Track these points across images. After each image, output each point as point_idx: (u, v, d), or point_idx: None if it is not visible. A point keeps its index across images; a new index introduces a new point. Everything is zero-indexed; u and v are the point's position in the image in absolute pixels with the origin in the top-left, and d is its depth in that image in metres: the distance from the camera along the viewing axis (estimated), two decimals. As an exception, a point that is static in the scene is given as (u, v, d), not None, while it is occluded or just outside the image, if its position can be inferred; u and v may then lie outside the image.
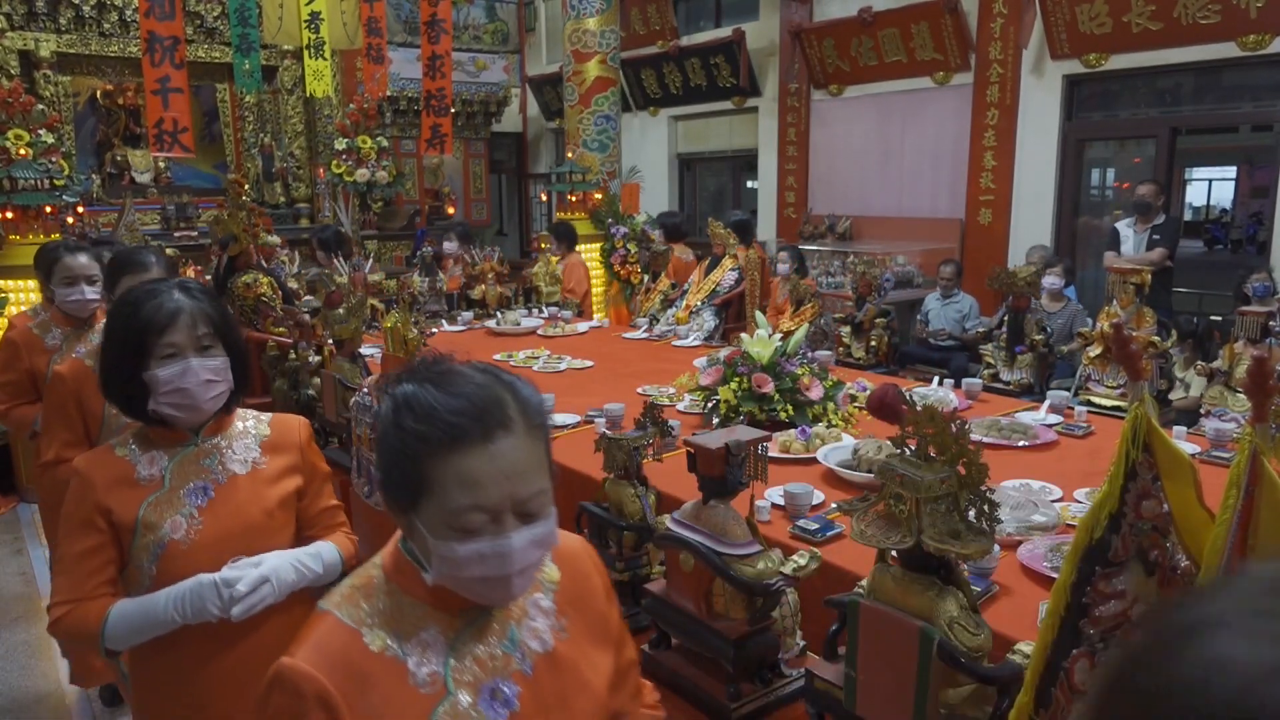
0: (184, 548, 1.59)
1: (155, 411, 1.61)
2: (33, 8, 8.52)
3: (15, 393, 2.95)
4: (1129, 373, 1.12)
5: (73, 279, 2.87)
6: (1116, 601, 1.12)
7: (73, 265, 2.88)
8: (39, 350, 2.95)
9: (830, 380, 3.24)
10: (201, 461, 1.67)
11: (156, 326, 1.57)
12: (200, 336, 1.62)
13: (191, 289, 1.66)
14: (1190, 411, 3.65)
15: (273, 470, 1.72)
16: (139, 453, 1.65)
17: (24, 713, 3.18)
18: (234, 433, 1.73)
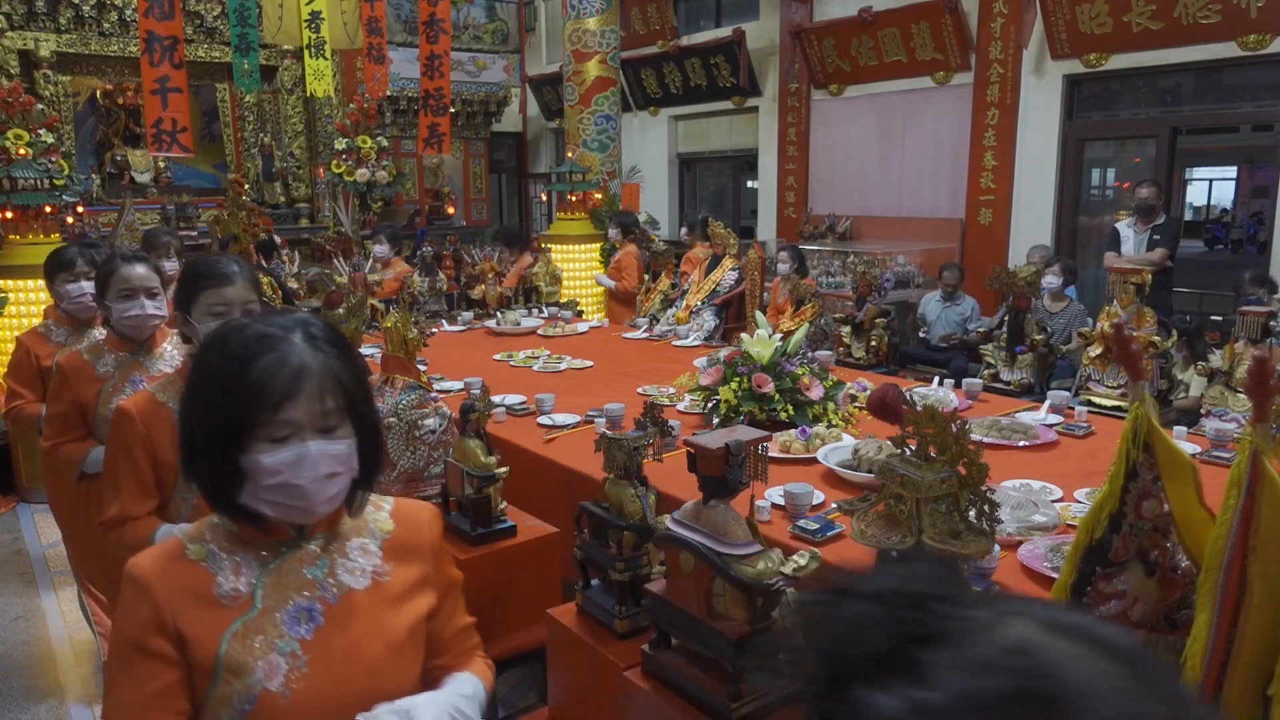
0: (283, 702, 1.14)
1: (249, 506, 1.16)
2: (32, 7, 8.52)
3: (63, 427, 2.56)
4: (1130, 373, 1.11)
5: (131, 291, 2.47)
6: (1117, 601, 1.12)
7: (131, 277, 2.47)
8: (89, 379, 2.53)
9: (830, 380, 3.23)
10: (305, 571, 1.21)
11: (272, 397, 1.11)
12: (327, 412, 1.15)
13: (317, 336, 1.17)
14: (1191, 411, 3.65)
15: (399, 584, 1.26)
16: (220, 556, 1.18)
17: (23, 712, 3.17)
18: (348, 530, 1.26)
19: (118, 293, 2.48)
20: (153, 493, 1.96)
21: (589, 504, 2.06)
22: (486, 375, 3.69)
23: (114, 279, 2.49)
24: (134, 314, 2.49)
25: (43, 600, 4.00)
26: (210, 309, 1.97)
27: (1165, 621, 1.15)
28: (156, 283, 2.52)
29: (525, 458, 2.98)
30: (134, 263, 2.52)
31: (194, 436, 1.16)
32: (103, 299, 2.52)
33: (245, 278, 2.05)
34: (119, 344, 2.56)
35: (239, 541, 1.20)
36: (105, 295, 2.49)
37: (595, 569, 2.08)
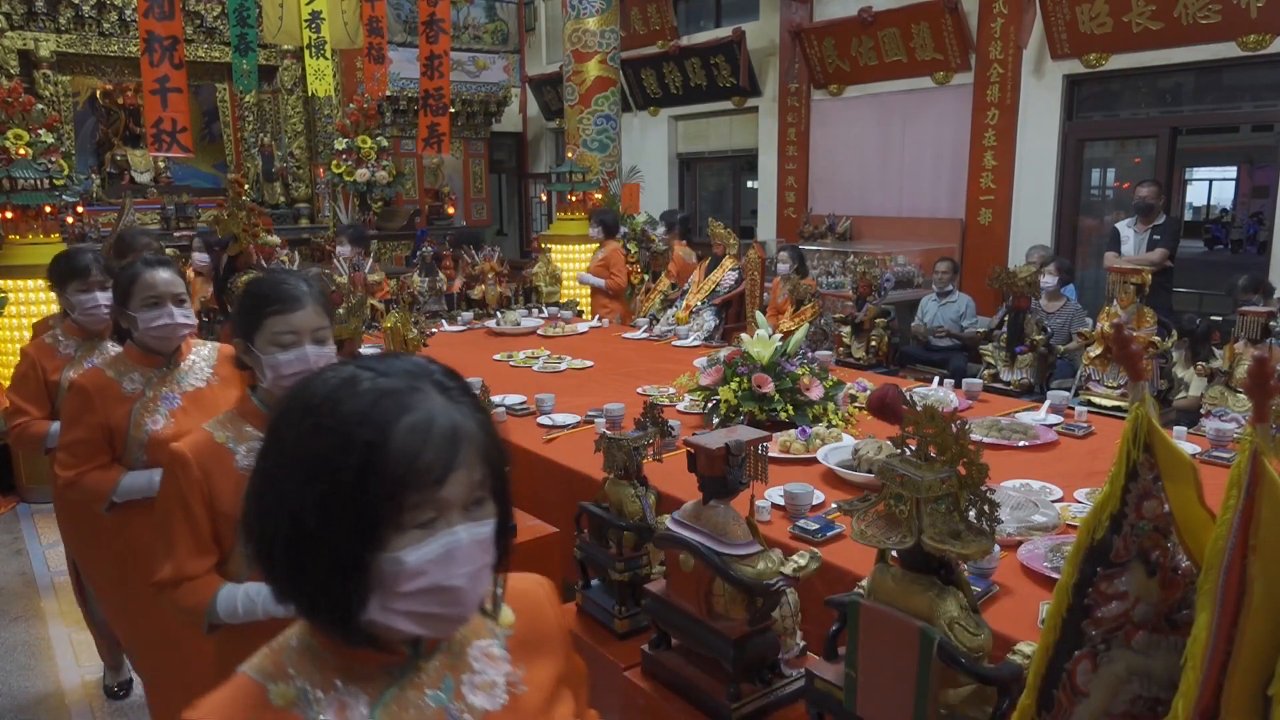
0: None
1: (376, 622, 0.85)
2: (32, 7, 8.52)
3: (87, 454, 2.28)
4: (1130, 373, 1.11)
5: (158, 299, 2.24)
6: (1118, 602, 1.12)
7: (156, 283, 2.25)
8: (116, 398, 2.28)
9: (830, 380, 3.23)
10: (428, 699, 0.92)
11: (427, 476, 0.82)
12: (475, 485, 0.87)
13: (449, 385, 0.89)
14: (1191, 411, 3.65)
15: (536, 695, 1.00)
16: (316, 696, 0.87)
17: (24, 713, 3.17)
18: (464, 633, 0.98)
19: (142, 301, 2.23)
20: (211, 549, 1.69)
21: (589, 504, 2.07)
22: (486, 375, 3.69)
23: (137, 286, 2.25)
24: (162, 323, 2.26)
25: (42, 601, 4.00)
26: (276, 338, 1.73)
27: (1166, 622, 1.15)
28: (183, 288, 2.31)
29: (525, 458, 2.98)
30: (158, 267, 2.30)
31: (306, 535, 0.81)
32: (124, 308, 2.25)
33: (315, 300, 1.81)
34: (143, 358, 2.31)
35: (341, 672, 0.89)
36: (128, 304, 2.23)
37: (595, 569, 2.08)
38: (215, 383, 2.37)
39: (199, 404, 2.31)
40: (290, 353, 1.74)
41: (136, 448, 2.28)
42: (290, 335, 1.75)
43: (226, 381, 2.35)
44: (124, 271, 2.32)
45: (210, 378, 2.38)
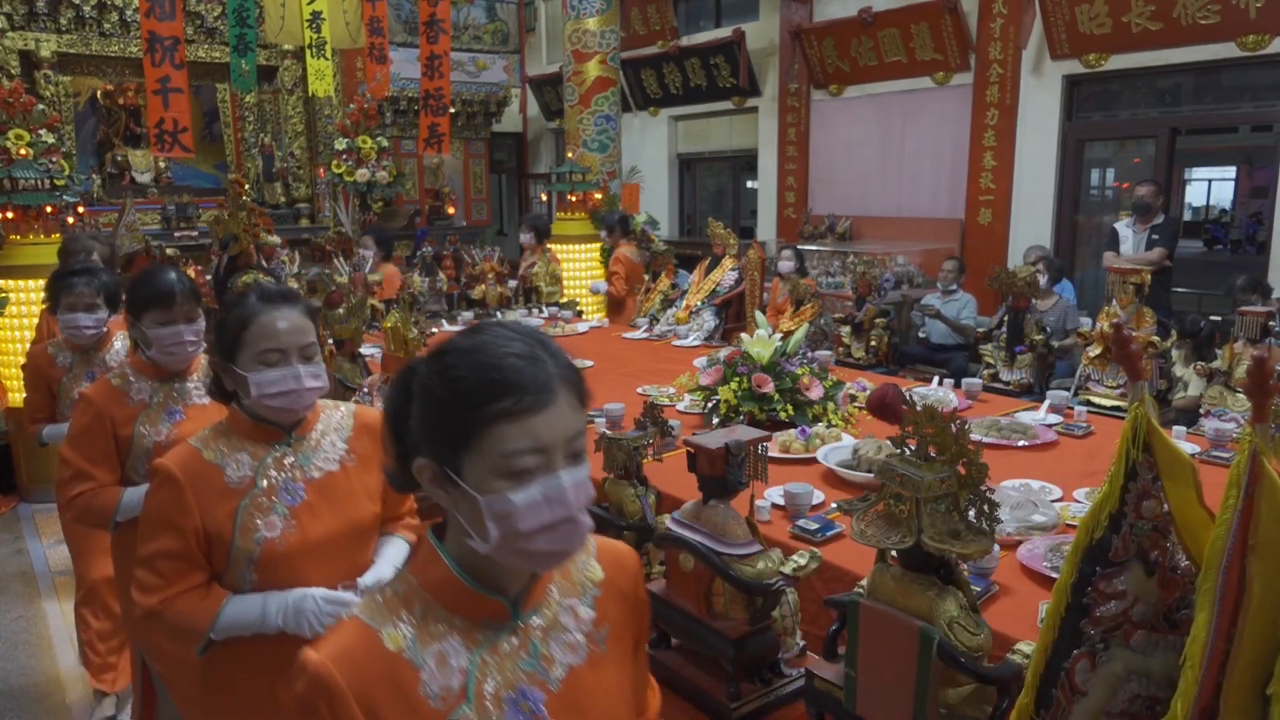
0: None
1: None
2: (33, 8, 8.52)
3: (178, 572, 1.62)
4: (1129, 373, 1.12)
5: (280, 353, 1.66)
6: (1117, 602, 1.13)
7: (278, 331, 1.67)
8: (217, 491, 1.64)
9: (830, 380, 3.24)
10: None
11: None
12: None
13: None
14: (1190, 411, 3.65)
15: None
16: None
17: (24, 712, 3.18)
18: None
19: (257, 354, 1.68)
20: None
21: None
22: (487, 375, 3.68)
23: (250, 333, 1.68)
24: (285, 390, 1.68)
25: (43, 601, 4.00)
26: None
27: (1165, 621, 1.15)
28: (313, 334, 1.76)
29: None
30: (280, 305, 1.72)
31: None
32: (229, 361, 1.70)
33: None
34: (255, 430, 1.71)
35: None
36: (235, 357, 1.69)
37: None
38: (352, 464, 1.74)
39: (329, 497, 1.68)
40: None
41: (245, 562, 1.61)
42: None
43: (366, 462, 1.75)
44: (232, 312, 1.69)
45: (345, 456, 1.74)
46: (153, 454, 2.13)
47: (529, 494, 0.93)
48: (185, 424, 2.23)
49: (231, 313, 1.68)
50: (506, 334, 0.98)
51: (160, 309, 2.21)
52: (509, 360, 0.94)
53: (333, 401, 1.84)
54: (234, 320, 1.65)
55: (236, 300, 1.69)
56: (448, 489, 0.97)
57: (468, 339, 1.00)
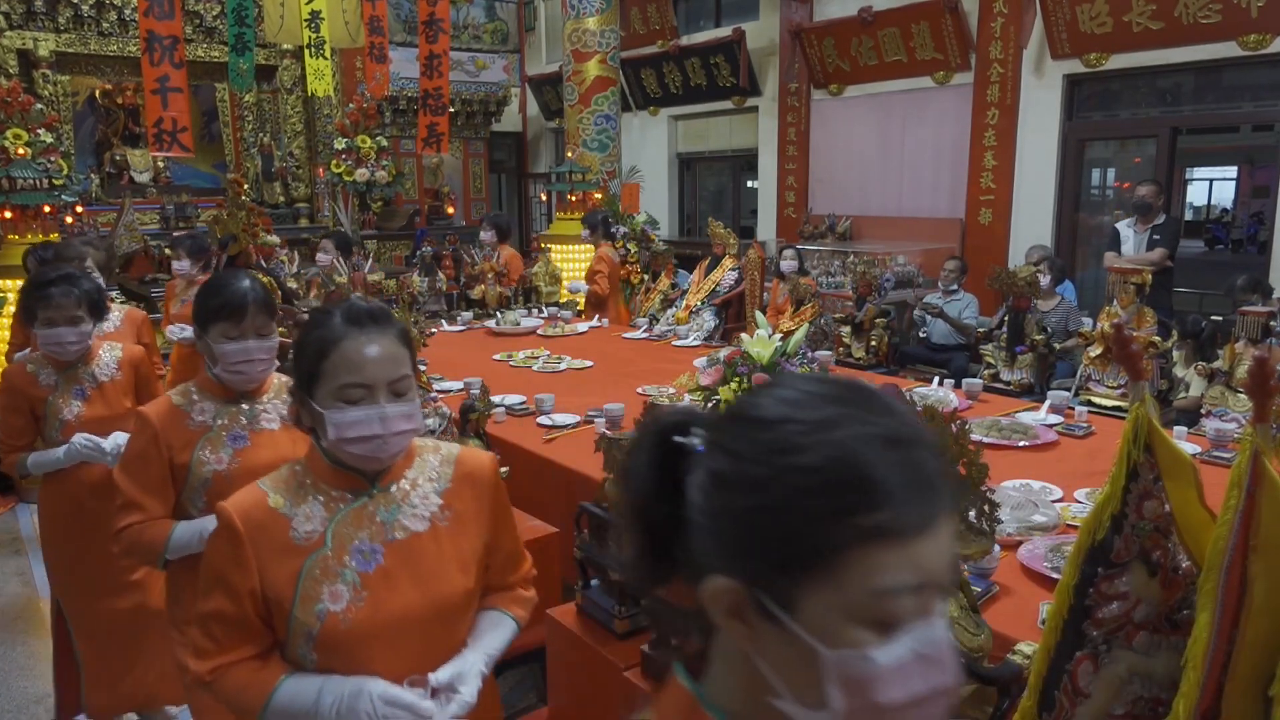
0: None
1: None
2: (31, 7, 8.51)
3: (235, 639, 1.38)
4: (1130, 373, 1.11)
5: (365, 388, 1.35)
6: (1119, 603, 1.12)
7: (363, 361, 1.35)
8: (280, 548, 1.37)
9: (830, 380, 3.23)
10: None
11: None
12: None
13: None
14: (1191, 411, 3.65)
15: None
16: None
17: (22, 712, 3.17)
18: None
19: (337, 389, 1.34)
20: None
21: (589, 504, 2.06)
22: (486, 375, 3.68)
23: (330, 364, 1.35)
24: (369, 435, 1.35)
25: (42, 601, 3.99)
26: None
27: (1167, 622, 1.15)
28: (406, 365, 1.41)
29: (525, 458, 2.98)
30: (368, 326, 1.37)
31: None
32: (307, 394, 1.39)
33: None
34: (334, 474, 1.42)
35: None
36: (313, 389, 1.38)
37: (595, 569, 2.08)
38: (445, 524, 1.42)
39: (412, 564, 1.38)
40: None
41: (303, 637, 1.35)
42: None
43: (463, 523, 1.44)
44: (312, 334, 1.38)
45: (438, 514, 1.42)
46: (211, 485, 1.93)
47: (899, 652, 0.64)
48: (251, 452, 1.97)
49: (310, 335, 1.37)
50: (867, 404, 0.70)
51: (229, 321, 1.94)
52: (874, 449, 0.65)
53: (432, 442, 1.53)
54: (313, 345, 1.36)
55: (318, 319, 1.39)
56: (758, 626, 0.67)
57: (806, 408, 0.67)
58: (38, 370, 2.67)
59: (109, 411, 2.68)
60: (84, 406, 2.66)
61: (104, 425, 2.62)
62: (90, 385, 2.69)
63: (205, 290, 2.01)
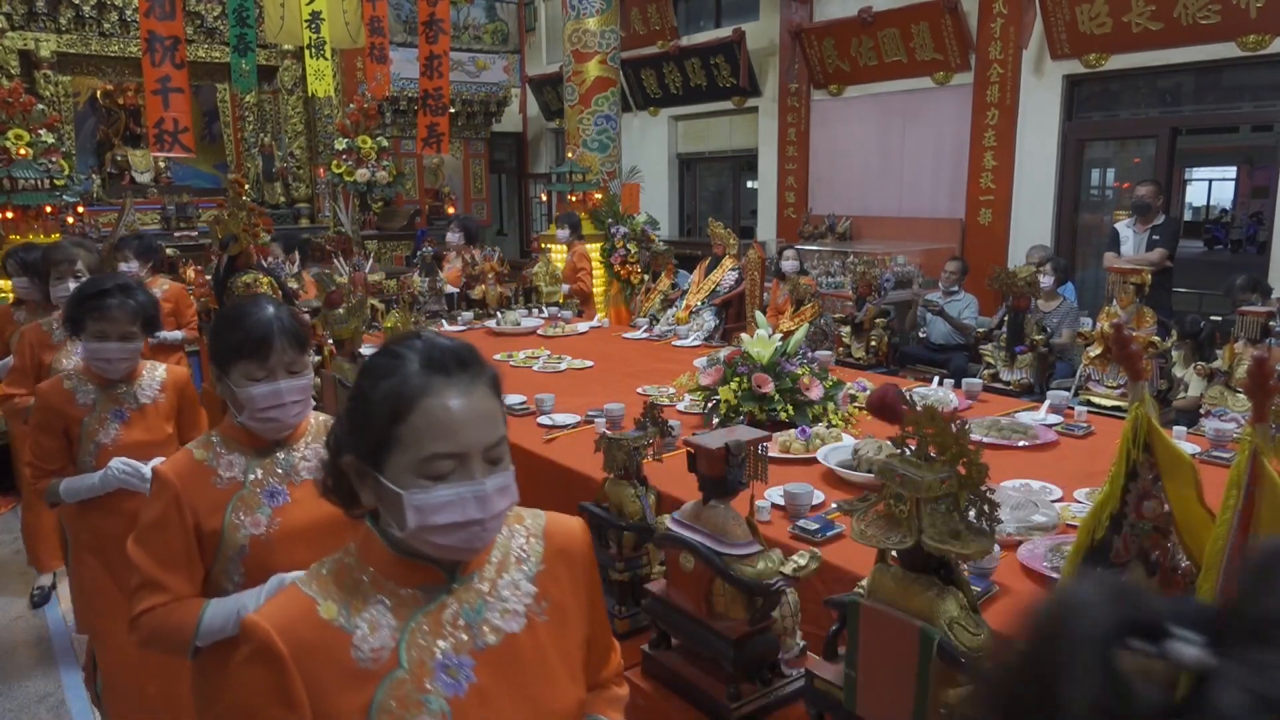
0: None
1: None
2: (33, 8, 8.52)
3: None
4: (1129, 373, 1.12)
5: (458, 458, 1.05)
6: (1117, 602, 1.12)
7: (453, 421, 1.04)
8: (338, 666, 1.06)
9: (830, 380, 3.23)
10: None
11: None
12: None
13: None
14: (1190, 411, 3.65)
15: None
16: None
17: (23, 712, 3.18)
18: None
19: (419, 461, 1.04)
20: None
21: (589, 504, 2.07)
22: (486, 375, 3.68)
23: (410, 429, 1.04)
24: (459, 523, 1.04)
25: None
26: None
27: (1165, 621, 1.15)
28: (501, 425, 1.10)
29: (525, 458, 2.98)
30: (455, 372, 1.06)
31: None
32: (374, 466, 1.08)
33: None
34: (402, 567, 1.10)
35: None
36: (381, 462, 1.08)
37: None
38: (544, 619, 1.14)
39: (510, 676, 1.09)
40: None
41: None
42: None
43: (563, 615, 1.16)
44: (376, 386, 1.05)
45: (533, 606, 1.13)
46: (249, 553, 1.63)
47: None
48: (292, 510, 1.67)
49: (377, 387, 1.04)
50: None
51: (253, 359, 1.64)
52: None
53: (513, 511, 1.18)
54: (383, 402, 1.03)
55: (385, 365, 1.06)
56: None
57: None
58: (75, 387, 2.42)
59: (148, 436, 2.46)
60: (122, 430, 2.43)
61: (142, 451, 2.40)
62: (130, 407, 2.46)
63: (222, 324, 1.71)
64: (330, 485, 1.13)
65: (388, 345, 1.11)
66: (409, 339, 1.10)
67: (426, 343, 1.08)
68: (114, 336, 2.34)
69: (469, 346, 1.10)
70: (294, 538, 1.58)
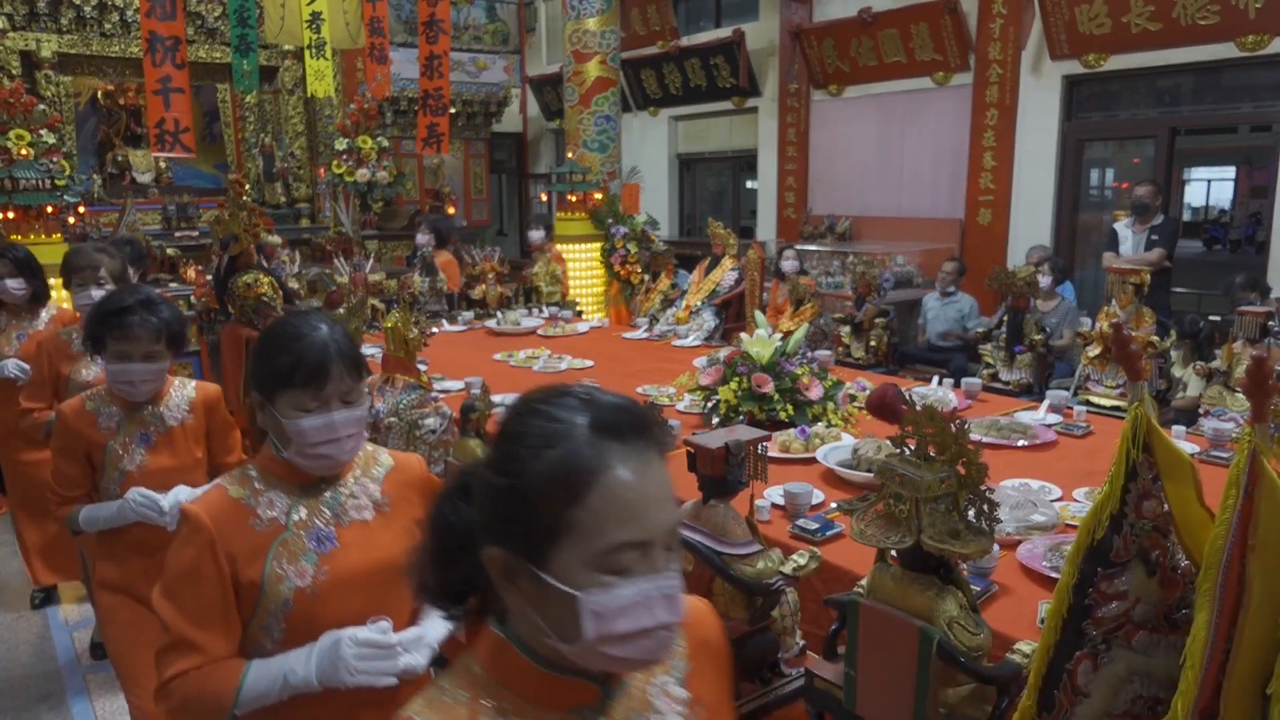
0: None
1: None
2: (34, 8, 8.52)
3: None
4: (1128, 373, 1.12)
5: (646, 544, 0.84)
6: (1119, 602, 1.13)
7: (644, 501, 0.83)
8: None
9: (830, 380, 3.24)
10: None
11: None
12: None
13: None
14: (1189, 411, 3.65)
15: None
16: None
17: (24, 713, 3.18)
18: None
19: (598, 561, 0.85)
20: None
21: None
22: (486, 375, 3.69)
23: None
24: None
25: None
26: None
27: (1165, 621, 1.16)
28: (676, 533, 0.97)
29: (526, 458, 2.98)
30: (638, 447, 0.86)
31: None
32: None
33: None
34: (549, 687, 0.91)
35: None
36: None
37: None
38: None
39: None
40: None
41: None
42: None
43: None
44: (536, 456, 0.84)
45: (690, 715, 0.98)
46: (293, 608, 1.42)
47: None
48: (342, 556, 1.47)
49: (536, 457, 0.83)
50: None
51: (306, 388, 1.43)
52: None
53: None
54: (550, 478, 0.82)
55: (539, 428, 0.85)
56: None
57: None
58: (98, 408, 2.25)
59: (176, 461, 2.29)
60: (148, 455, 2.26)
61: (169, 478, 2.24)
62: (157, 429, 2.29)
63: (269, 345, 1.48)
64: (432, 583, 0.91)
65: (533, 401, 0.89)
66: (561, 394, 0.88)
67: (589, 399, 0.86)
68: (137, 357, 2.16)
69: (635, 403, 0.88)
70: (344, 588, 1.41)
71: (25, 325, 3.68)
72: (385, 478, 1.56)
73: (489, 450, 0.90)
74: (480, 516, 0.86)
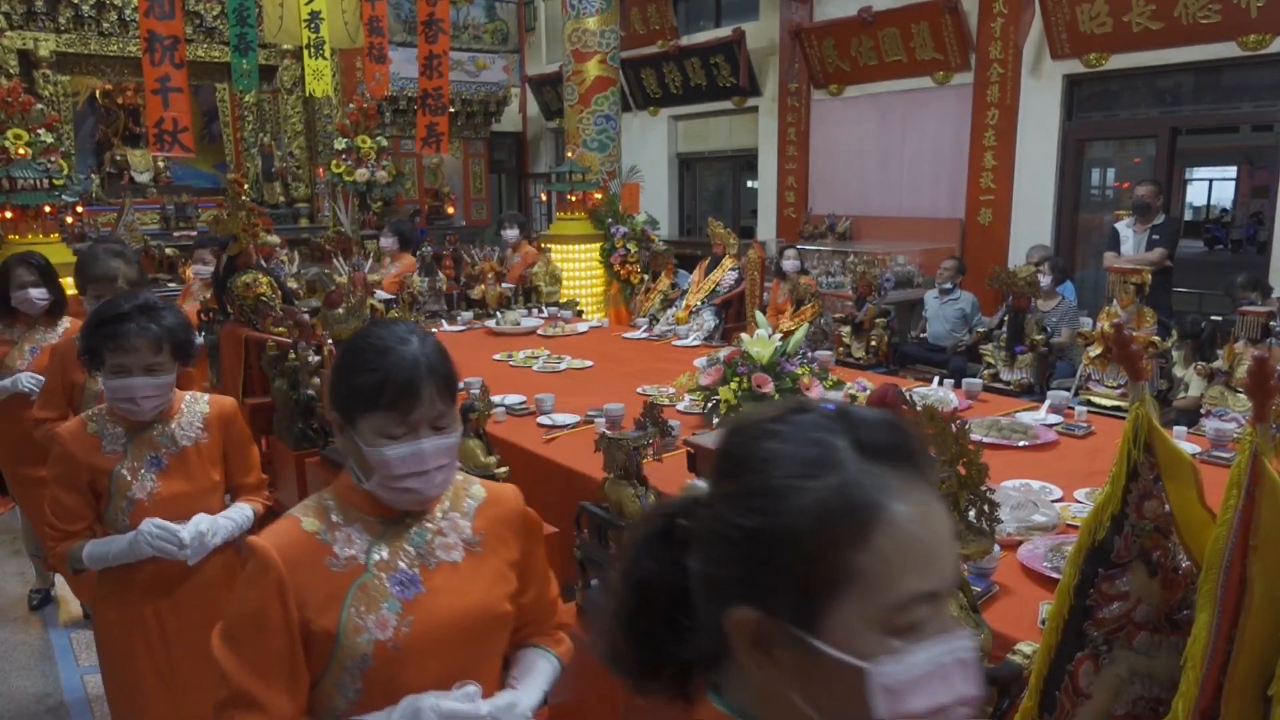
0: None
1: None
2: (32, 7, 8.52)
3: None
4: (1130, 373, 1.11)
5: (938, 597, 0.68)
6: (1120, 603, 1.12)
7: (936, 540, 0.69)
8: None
9: (830, 380, 3.23)
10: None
11: None
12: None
13: None
14: (1191, 411, 3.65)
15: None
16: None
17: (23, 712, 3.17)
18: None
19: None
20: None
21: (589, 504, 2.06)
22: (486, 375, 3.68)
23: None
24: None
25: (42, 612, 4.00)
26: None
27: (1167, 622, 1.15)
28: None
29: (525, 458, 2.98)
30: None
31: None
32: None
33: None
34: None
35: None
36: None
37: (595, 569, 2.08)
38: None
39: None
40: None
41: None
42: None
43: None
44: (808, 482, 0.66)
45: None
46: (371, 665, 1.24)
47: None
48: (428, 604, 1.28)
49: (802, 490, 0.66)
50: None
51: (393, 412, 1.24)
52: None
53: None
54: (822, 515, 0.65)
55: (794, 453, 0.68)
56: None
57: None
58: (101, 430, 2.02)
59: (191, 486, 2.06)
60: (159, 480, 2.03)
61: (184, 505, 2.03)
62: (169, 451, 2.06)
63: (350, 361, 1.28)
64: (632, 657, 0.77)
65: (763, 421, 0.70)
66: (799, 409, 0.71)
67: (845, 416, 0.69)
68: (137, 370, 1.93)
69: (899, 420, 0.71)
70: (430, 643, 1.25)
71: (40, 338, 3.43)
72: (477, 512, 1.38)
73: (714, 482, 0.71)
74: (714, 569, 0.68)
